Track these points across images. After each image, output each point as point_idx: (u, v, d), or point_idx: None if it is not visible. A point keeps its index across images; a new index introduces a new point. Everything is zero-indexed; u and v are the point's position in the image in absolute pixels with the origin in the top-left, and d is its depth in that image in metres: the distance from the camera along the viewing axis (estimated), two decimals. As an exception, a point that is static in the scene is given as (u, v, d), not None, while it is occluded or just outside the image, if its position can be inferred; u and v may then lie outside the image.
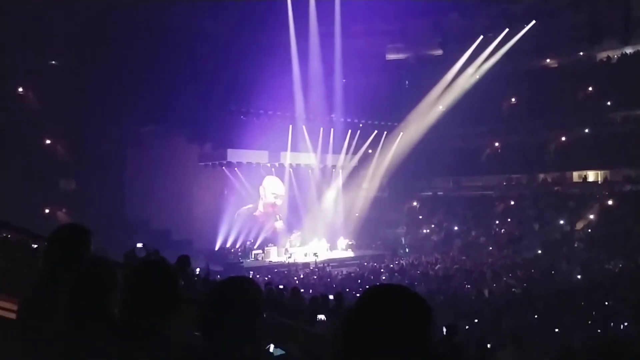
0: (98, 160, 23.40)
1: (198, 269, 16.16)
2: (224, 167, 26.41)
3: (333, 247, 26.86)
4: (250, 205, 27.34)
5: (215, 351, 1.67)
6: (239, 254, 25.14)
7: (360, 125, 30.18)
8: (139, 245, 9.40)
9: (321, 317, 7.35)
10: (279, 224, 27.58)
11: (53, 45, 22.40)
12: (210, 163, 26.67)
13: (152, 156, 24.43)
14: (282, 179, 28.45)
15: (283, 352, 2.91)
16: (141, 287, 1.92)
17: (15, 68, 21.70)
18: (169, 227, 24.09)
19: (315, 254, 24.12)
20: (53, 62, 24.16)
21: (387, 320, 1.29)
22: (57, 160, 23.96)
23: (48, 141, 23.99)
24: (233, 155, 26.21)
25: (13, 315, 3.03)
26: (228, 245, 25.77)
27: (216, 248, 25.73)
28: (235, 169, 26.63)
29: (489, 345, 8.33)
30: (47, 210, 22.96)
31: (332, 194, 29.78)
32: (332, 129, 29.20)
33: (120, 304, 2.00)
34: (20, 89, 23.53)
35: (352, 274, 20.75)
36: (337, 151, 29.89)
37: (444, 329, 7.56)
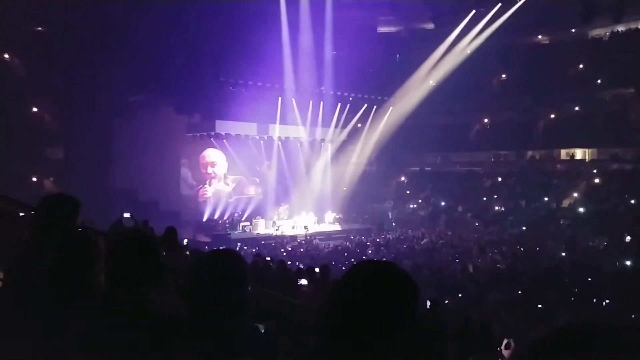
0: (85, 129, 23.06)
1: (185, 240, 16.18)
2: (212, 139, 26.22)
3: (320, 220, 26.96)
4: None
5: (199, 322, 1.66)
6: (227, 225, 25.15)
7: (350, 98, 30.01)
8: (126, 215, 9.29)
9: (303, 281, 7.42)
10: (251, 189, 27.37)
11: (40, 11, 21.84)
12: (199, 134, 26.47)
13: (140, 126, 24.15)
14: (270, 152, 28.31)
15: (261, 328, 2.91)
16: (122, 257, 1.91)
17: (1, 34, 21.17)
18: (156, 198, 23.96)
19: (305, 227, 24.20)
20: (39, 28, 23.60)
21: (373, 296, 1.28)
22: (43, 129, 23.62)
23: (35, 109, 23.60)
24: (221, 126, 26.01)
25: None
26: (216, 216, 25.75)
27: (204, 219, 25.71)
28: (224, 140, 26.44)
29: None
30: (34, 179, 22.73)
31: (321, 167, 29.75)
32: (321, 102, 29.00)
33: (103, 274, 1.98)
34: (6, 55, 23.03)
35: (339, 247, 20.88)
36: (326, 124, 29.76)
37: (428, 303, 7.65)
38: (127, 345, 1.71)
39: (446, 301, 11.40)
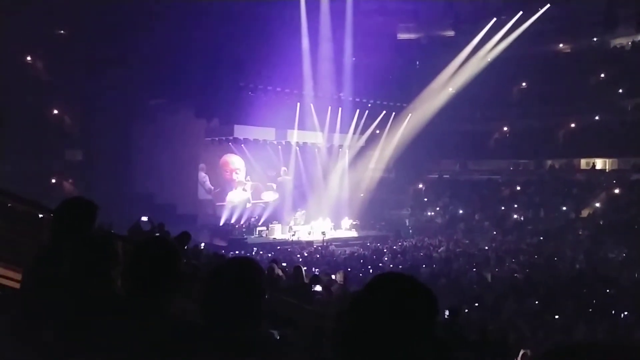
0: (105, 132, 23.40)
1: (203, 244, 16.30)
2: (230, 143, 26.38)
3: (337, 226, 26.92)
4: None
5: (215, 331, 1.66)
6: (244, 230, 25.25)
7: (369, 105, 29.98)
8: (144, 218, 9.40)
9: (318, 288, 7.41)
10: (267, 195, 27.38)
11: (62, 15, 22.21)
12: (217, 139, 26.66)
13: (159, 130, 24.41)
14: (288, 157, 28.38)
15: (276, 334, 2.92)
16: (142, 263, 1.91)
17: (24, 37, 21.57)
18: (173, 202, 24.18)
19: (323, 232, 24.18)
20: (62, 31, 24.01)
21: (392, 310, 1.30)
22: (63, 131, 24.01)
23: (55, 111, 23.99)
24: (240, 131, 26.16)
25: (17, 285, 3.05)
26: (233, 221, 25.86)
27: (221, 223, 25.84)
28: (242, 145, 26.59)
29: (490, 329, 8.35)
30: (53, 180, 23.09)
31: (338, 173, 29.73)
32: (340, 108, 29.03)
33: (121, 279, 2.00)
34: (28, 58, 23.45)
35: (355, 254, 20.81)
36: (344, 130, 29.76)
37: (446, 312, 7.59)
38: (144, 352, 1.73)
39: (466, 310, 11.31)
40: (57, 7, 21.42)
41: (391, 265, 18.36)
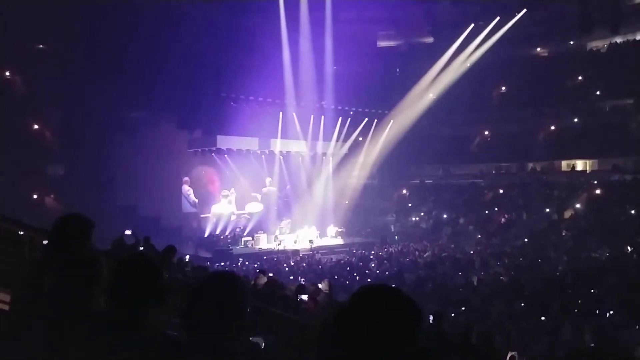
0: (86, 146, 23.17)
1: (188, 256, 16.16)
2: (213, 154, 26.27)
3: (323, 234, 26.90)
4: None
5: (198, 345, 1.67)
6: (229, 241, 25.09)
7: (351, 112, 30.10)
8: (128, 232, 9.31)
9: (304, 297, 7.40)
10: (252, 206, 27.21)
11: (41, 29, 22.02)
12: (200, 149, 26.54)
13: (141, 142, 24.23)
14: (272, 166, 28.33)
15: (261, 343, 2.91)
16: (123, 280, 1.92)
17: (2, 52, 21.34)
18: (157, 214, 23.98)
19: (310, 241, 24.13)
20: (41, 45, 23.79)
21: (376, 321, 1.31)
22: (44, 146, 23.71)
23: (36, 126, 23.71)
24: (223, 141, 26.05)
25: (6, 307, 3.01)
26: (217, 232, 25.71)
27: (205, 235, 25.67)
28: (225, 155, 26.50)
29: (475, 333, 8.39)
30: (35, 196, 22.77)
31: (323, 181, 29.75)
32: (322, 116, 29.09)
33: (105, 295, 1.99)
34: (7, 73, 23.19)
35: (342, 262, 20.81)
36: (327, 138, 29.83)
37: (430, 317, 7.62)
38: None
39: (452, 314, 11.36)
40: (36, 22, 21.23)
41: (377, 272, 18.39)
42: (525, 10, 29.23)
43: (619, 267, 16.71)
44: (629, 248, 19.87)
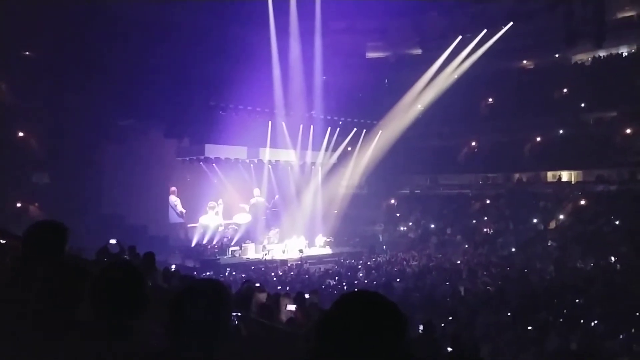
0: (72, 154, 22.95)
1: (174, 266, 16.05)
2: (201, 163, 26.18)
3: (311, 244, 26.85)
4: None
5: (182, 354, 1.66)
6: (216, 250, 24.96)
7: (340, 122, 30.22)
8: (112, 241, 9.22)
9: (291, 307, 7.35)
10: (240, 217, 27.05)
11: (28, 36, 21.87)
12: (188, 158, 26.43)
13: (129, 150, 24.10)
14: (261, 176, 28.26)
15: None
16: (105, 288, 1.90)
17: (-13, 59, 21.17)
18: (145, 223, 23.80)
19: (300, 250, 24.03)
20: (27, 52, 23.61)
21: (362, 329, 1.30)
22: (30, 154, 23.45)
23: (21, 134, 23.47)
24: (211, 150, 25.97)
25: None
26: (205, 242, 25.57)
27: (193, 244, 25.52)
28: (214, 164, 26.41)
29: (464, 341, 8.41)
30: (19, 205, 22.49)
31: (311, 190, 29.74)
32: (311, 126, 29.16)
33: (88, 305, 1.98)
34: (-7, 80, 22.98)
35: (330, 271, 20.76)
36: (316, 148, 29.88)
37: (421, 327, 7.62)
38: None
39: (442, 324, 11.37)
40: (22, 29, 21.09)
41: (366, 281, 18.38)
42: (511, 23, 29.62)
43: (603, 277, 16.86)
44: (612, 258, 20.07)
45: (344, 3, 27.78)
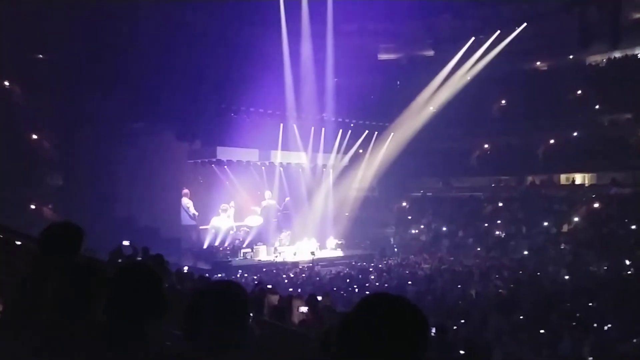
0: (85, 156, 23.16)
1: (186, 267, 16.13)
2: (213, 165, 26.27)
3: (322, 246, 26.81)
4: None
5: (201, 357, 1.65)
6: (228, 252, 25.02)
7: (352, 125, 30.16)
8: (126, 243, 9.29)
9: (304, 309, 7.34)
10: (251, 220, 27.04)
11: (41, 39, 22.08)
12: (200, 161, 26.53)
13: (141, 153, 24.23)
14: (272, 178, 28.30)
15: None
16: (123, 289, 1.89)
17: (1, 62, 21.38)
18: (157, 225, 23.92)
19: (312, 253, 23.99)
20: (40, 55, 23.86)
21: (386, 330, 1.29)
22: (43, 156, 23.69)
23: (34, 136, 23.71)
24: (223, 153, 26.05)
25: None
26: (216, 244, 25.64)
27: (204, 246, 25.60)
28: (225, 167, 26.50)
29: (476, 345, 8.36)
30: (32, 206, 22.71)
31: (323, 193, 29.72)
32: (323, 128, 29.14)
33: (104, 306, 1.97)
34: (7, 83, 23.22)
35: (341, 274, 20.76)
36: (327, 150, 29.85)
37: (434, 330, 7.58)
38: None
39: (454, 327, 11.31)
40: (35, 32, 21.29)
41: (377, 284, 18.34)
42: (525, 24, 29.40)
43: (617, 280, 16.68)
44: (627, 262, 19.83)
45: (355, 5, 27.75)
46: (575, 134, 29.86)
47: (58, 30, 21.50)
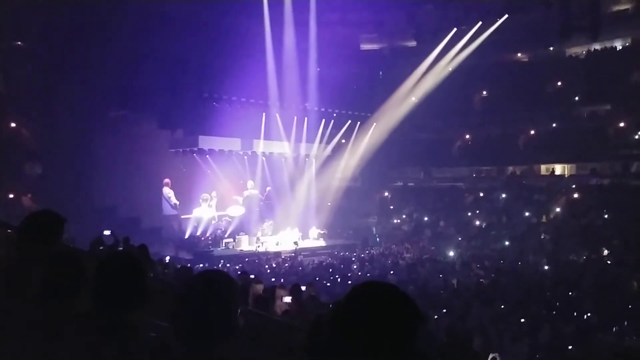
0: (65, 145, 22.75)
1: (168, 257, 16.01)
2: (195, 154, 26.05)
3: (305, 236, 26.82)
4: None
5: (188, 348, 1.61)
6: (209, 242, 24.90)
7: (334, 114, 30.13)
8: (107, 232, 9.18)
9: (287, 299, 7.33)
10: (233, 209, 26.93)
11: (19, 26, 21.58)
12: (182, 150, 26.29)
13: (122, 141, 23.91)
14: (254, 167, 28.17)
15: None
16: (106, 279, 1.85)
17: (-23, 49, 20.90)
18: (137, 215, 23.69)
19: (295, 242, 23.98)
20: (19, 42, 23.33)
21: (377, 319, 1.27)
22: (22, 144, 23.24)
23: (13, 124, 23.24)
24: (205, 142, 25.83)
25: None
26: (198, 233, 25.50)
27: (186, 236, 25.45)
28: (207, 156, 26.29)
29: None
30: (11, 196, 22.31)
31: (305, 183, 29.69)
32: (305, 118, 29.06)
33: (88, 296, 1.93)
34: (-17, 71, 22.70)
35: (324, 263, 20.79)
36: (310, 140, 29.79)
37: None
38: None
39: (435, 316, 11.42)
40: (13, 19, 20.80)
41: (359, 274, 18.41)
42: (506, 15, 29.60)
43: (596, 269, 16.98)
44: (605, 251, 20.20)
45: (338, -6, 27.69)
46: (555, 125, 30.25)
47: (36, 17, 21.04)
